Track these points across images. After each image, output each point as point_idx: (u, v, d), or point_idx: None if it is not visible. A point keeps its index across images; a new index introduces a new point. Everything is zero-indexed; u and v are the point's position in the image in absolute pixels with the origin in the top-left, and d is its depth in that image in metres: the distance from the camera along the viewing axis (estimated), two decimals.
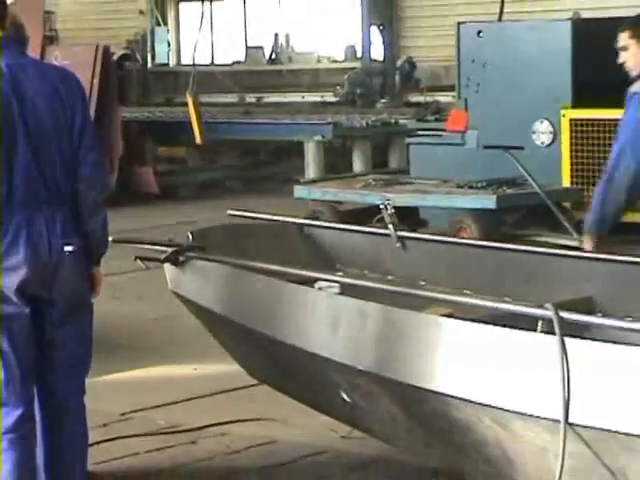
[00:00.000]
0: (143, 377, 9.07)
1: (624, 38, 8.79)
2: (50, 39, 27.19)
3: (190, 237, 7.57)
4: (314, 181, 18.28)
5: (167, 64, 34.90)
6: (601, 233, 8.32)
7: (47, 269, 5.91)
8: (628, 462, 5.34)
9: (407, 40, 31.47)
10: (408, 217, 13.76)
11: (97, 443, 7.13)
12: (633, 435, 5.16)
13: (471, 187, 15.07)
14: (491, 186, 14.94)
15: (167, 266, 7.56)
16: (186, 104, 21.63)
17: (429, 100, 24.64)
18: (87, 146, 6.12)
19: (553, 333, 5.38)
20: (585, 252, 8.13)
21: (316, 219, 9.77)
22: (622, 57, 8.84)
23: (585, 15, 18.52)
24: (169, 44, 35.54)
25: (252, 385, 7.86)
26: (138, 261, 7.25)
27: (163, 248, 7.40)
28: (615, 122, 15.14)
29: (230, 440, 7.60)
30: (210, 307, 7.31)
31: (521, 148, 15.56)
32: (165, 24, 36.11)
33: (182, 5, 36.41)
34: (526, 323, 5.67)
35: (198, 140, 20.96)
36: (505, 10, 19.25)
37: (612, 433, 5.25)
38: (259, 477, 7.02)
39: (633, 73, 8.81)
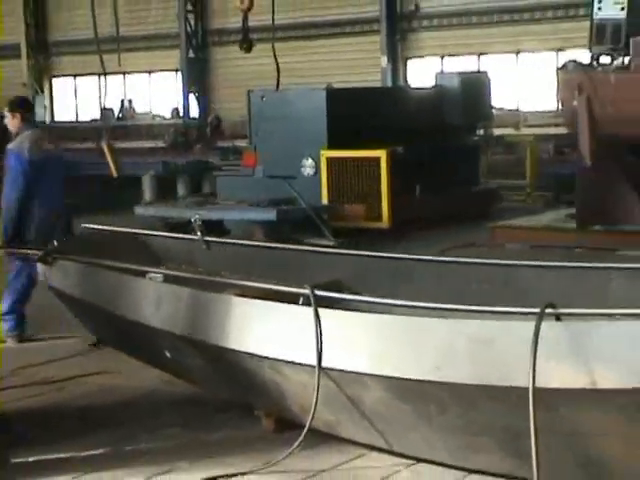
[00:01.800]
0: (28, 346, 8.88)
1: (6, 112, 9.24)
2: None
3: (56, 243, 7.51)
4: (149, 203, 18.21)
5: (44, 122, 34.45)
6: None
7: None
8: (360, 392, 5.42)
9: (215, 103, 31.46)
10: (215, 228, 13.73)
11: None
12: (361, 373, 5.25)
13: (258, 205, 15.16)
14: (273, 204, 15.05)
15: (39, 265, 7.52)
16: (100, 150, 21.27)
17: (231, 145, 24.60)
18: None
19: (310, 305, 5.45)
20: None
21: (151, 230, 9.67)
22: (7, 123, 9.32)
23: (336, 85, 18.68)
24: (45, 107, 35.27)
25: (103, 348, 7.77)
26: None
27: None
28: (354, 159, 15.52)
29: (87, 387, 7.52)
30: (71, 293, 7.24)
31: (294, 177, 15.70)
32: (42, 92, 35.72)
33: (54, 80, 35.88)
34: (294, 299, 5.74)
35: (114, 174, 20.64)
36: (282, 82, 19.41)
37: (349, 373, 5.32)
38: (107, 411, 6.95)
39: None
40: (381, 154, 15.55)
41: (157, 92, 33.40)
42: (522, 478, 5.05)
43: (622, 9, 16.80)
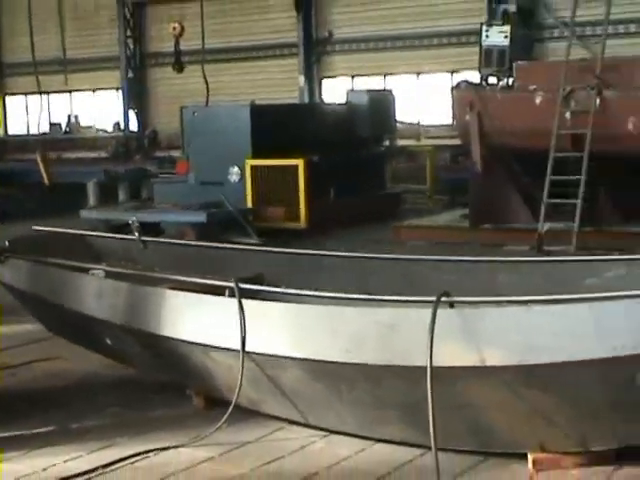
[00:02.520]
0: None
1: None
2: None
3: (7, 243, 7.39)
4: (93, 207, 18.02)
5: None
6: None
7: None
8: (279, 373, 5.42)
9: (152, 117, 31.23)
10: (152, 229, 13.64)
11: None
12: (281, 356, 5.24)
13: (190, 208, 15.11)
14: (203, 208, 15.00)
15: None
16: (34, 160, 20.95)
17: (167, 155, 24.47)
18: None
19: (235, 296, 5.43)
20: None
21: (94, 231, 9.56)
22: None
23: (259, 102, 18.65)
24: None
25: (52, 337, 7.67)
26: None
27: None
28: (275, 167, 15.52)
29: (37, 372, 7.43)
30: (22, 289, 7.13)
31: (222, 184, 15.65)
32: None
33: (7, 98, 35.33)
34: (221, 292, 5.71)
35: (47, 182, 20.35)
36: (212, 99, 19.36)
37: (269, 356, 5.32)
38: (55, 393, 6.88)
39: None
40: (299, 162, 15.57)
41: (100, 108, 33.03)
42: (421, 445, 5.09)
43: (506, 37, 17.09)
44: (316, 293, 5.60)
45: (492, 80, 16.84)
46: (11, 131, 35.15)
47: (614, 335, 4.46)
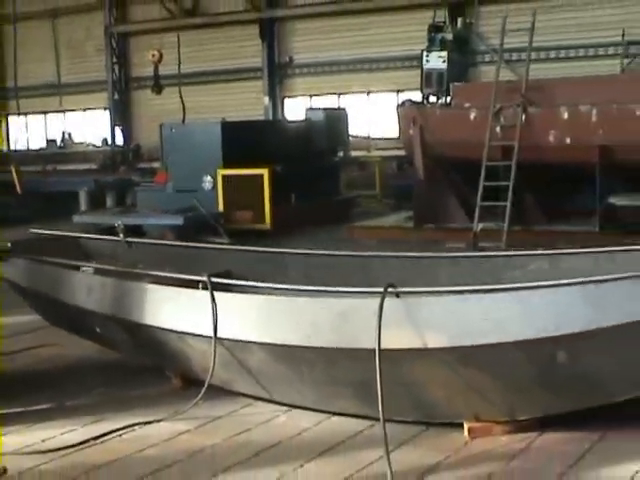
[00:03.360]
0: None
1: None
2: None
3: (9, 244, 7.32)
4: (84, 213, 17.90)
5: (1, 150, 33.68)
6: None
7: None
8: (245, 356, 5.41)
9: (137, 133, 31.06)
10: (135, 231, 13.57)
11: None
12: (248, 342, 5.23)
13: (169, 213, 15.04)
14: (180, 212, 14.94)
15: None
16: (9, 171, 20.71)
17: (148, 166, 24.34)
18: None
19: (207, 289, 5.41)
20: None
21: (85, 233, 9.46)
22: None
23: (228, 119, 18.57)
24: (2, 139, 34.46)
25: (49, 327, 7.60)
26: None
27: None
28: (243, 176, 15.48)
29: (34, 357, 7.37)
30: (22, 284, 7.06)
31: (196, 191, 15.60)
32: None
33: (10, 117, 34.97)
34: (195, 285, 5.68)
35: (19, 190, 20.12)
36: (187, 117, 19.25)
37: (238, 341, 5.31)
38: (51, 375, 6.81)
39: None
40: (264, 172, 15.55)
41: (90, 126, 32.81)
42: (371, 417, 5.10)
43: (444, 62, 17.15)
44: (279, 286, 5.60)
45: (432, 99, 16.88)
46: (13, 146, 34.75)
47: (537, 319, 4.49)
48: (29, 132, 34.76)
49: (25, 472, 4.86)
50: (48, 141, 33.35)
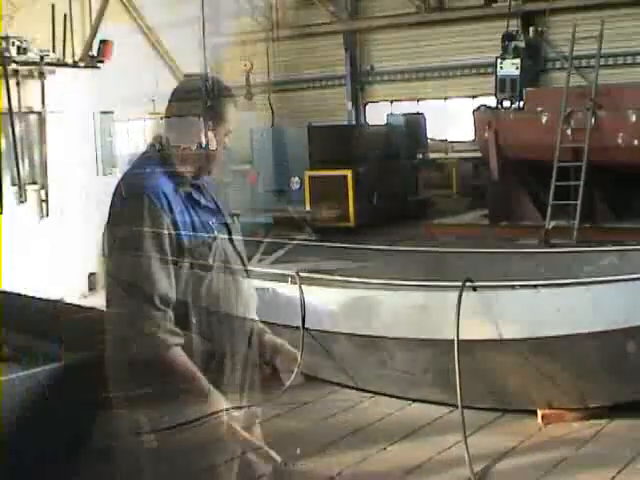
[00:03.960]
0: None
1: None
2: None
3: None
4: None
5: None
6: None
7: None
8: (331, 345, 5.42)
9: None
10: None
11: None
12: (335, 332, 5.24)
13: (259, 211, 15.16)
14: (270, 211, 15.00)
15: None
16: None
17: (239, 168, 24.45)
18: None
19: (296, 283, 5.44)
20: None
21: None
22: None
23: (314, 124, 18.55)
24: None
25: None
26: None
27: None
28: (328, 177, 15.50)
29: None
30: None
31: (284, 191, 15.75)
32: None
33: None
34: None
35: None
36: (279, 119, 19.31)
37: (325, 332, 5.32)
38: None
39: None
40: (348, 173, 15.56)
41: None
42: (449, 404, 5.07)
43: (517, 68, 16.97)
44: (363, 280, 5.60)
45: (506, 104, 16.71)
46: None
47: (608, 312, 4.44)
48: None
49: None
50: None
